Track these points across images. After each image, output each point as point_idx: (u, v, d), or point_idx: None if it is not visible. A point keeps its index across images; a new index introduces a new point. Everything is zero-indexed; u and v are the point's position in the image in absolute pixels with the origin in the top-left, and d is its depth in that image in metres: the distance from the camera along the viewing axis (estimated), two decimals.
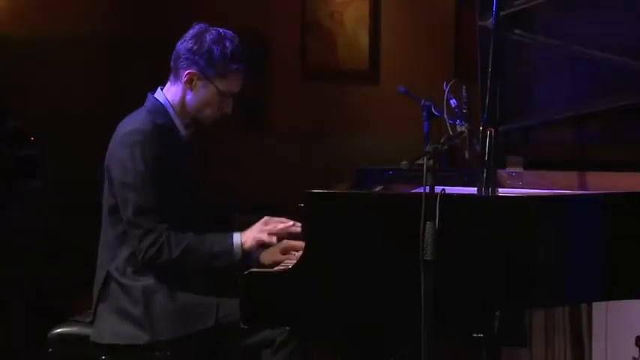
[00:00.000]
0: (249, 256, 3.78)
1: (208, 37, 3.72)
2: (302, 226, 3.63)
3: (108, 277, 3.73)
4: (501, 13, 3.77)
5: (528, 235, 3.25)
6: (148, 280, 3.68)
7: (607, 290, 3.42)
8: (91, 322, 3.76)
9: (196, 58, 3.71)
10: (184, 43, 3.75)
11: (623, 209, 3.41)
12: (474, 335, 3.21)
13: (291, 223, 3.70)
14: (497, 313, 3.22)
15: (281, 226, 3.70)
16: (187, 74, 3.73)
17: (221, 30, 3.76)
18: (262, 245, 3.71)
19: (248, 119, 6.49)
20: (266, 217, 3.74)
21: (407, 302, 3.15)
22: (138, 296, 3.67)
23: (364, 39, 6.47)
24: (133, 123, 3.73)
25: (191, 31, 3.77)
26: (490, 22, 3.75)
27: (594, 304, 4.44)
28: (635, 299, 3.53)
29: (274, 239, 3.68)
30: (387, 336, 3.38)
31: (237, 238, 3.66)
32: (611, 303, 4.37)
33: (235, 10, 6.46)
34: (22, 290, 5.50)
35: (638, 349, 4.36)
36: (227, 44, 3.72)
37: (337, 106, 6.57)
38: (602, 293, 3.46)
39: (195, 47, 3.71)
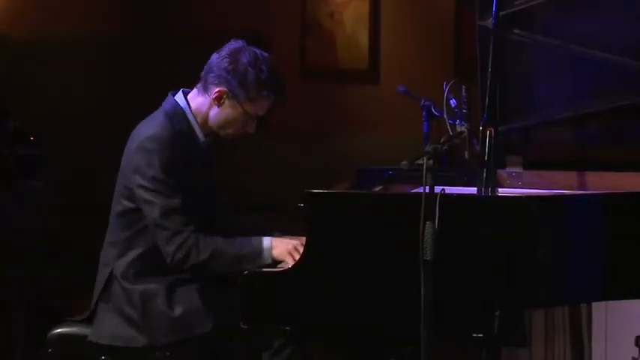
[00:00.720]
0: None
1: (244, 58, 3.66)
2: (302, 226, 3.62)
3: (111, 277, 3.72)
4: (501, 13, 3.78)
5: (528, 235, 3.26)
6: (147, 285, 3.66)
7: (607, 290, 3.42)
8: (88, 320, 3.76)
9: (229, 78, 3.65)
10: (219, 60, 3.69)
11: (623, 209, 3.41)
12: (474, 335, 3.22)
13: None
14: (497, 313, 3.22)
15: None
16: (217, 92, 3.68)
17: (258, 51, 3.71)
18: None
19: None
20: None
21: (407, 302, 3.15)
22: (136, 300, 3.66)
23: (364, 39, 6.47)
24: (152, 128, 3.69)
25: (227, 47, 3.71)
26: (490, 22, 3.75)
27: (594, 304, 4.44)
28: (635, 299, 3.54)
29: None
30: (387, 336, 3.38)
31: (267, 241, 3.60)
32: (611, 303, 4.37)
33: (235, 10, 6.45)
34: (22, 290, 5.50)
35: (637, 349, 4.36)
36: (263, 68, 3.67)
37: (337, 105, 6.57)
38: (602, 293, 3.47)
39: (230, 67, 3.66)
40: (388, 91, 6.06)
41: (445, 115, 3.65)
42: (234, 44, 3.72)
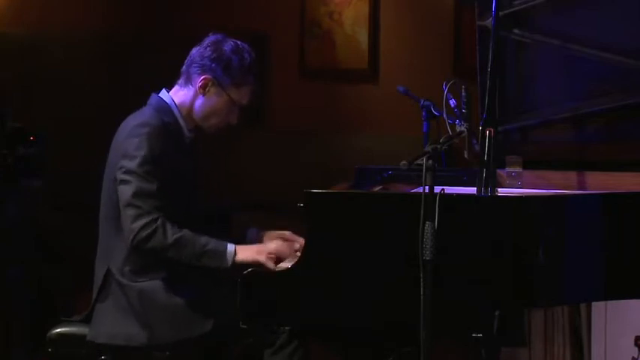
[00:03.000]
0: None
1: (227, 47, 3.76)
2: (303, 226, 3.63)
3: (107, 276, 3.74)
4: (501, 13, 3.78)
5: (528, 235, 3.26)
6: (146, 282, 3.68)
7: (607, 290, 3.42)
8: (86, 320, 3.77)
9: (214, 65, 3.74)
10: (201, 50, 3.78)
11: (623, 209, 3.41)
12: (474, 335, 3.22)
13: (296, 244, 3.71)
14: (497, 312, 3.23)
15: (281, 249, 3.69)
16: (203, 79, 3.75)
17: (238, 42, 3.81)
18: (257, 264, 3.63)
19: (247, 118, 6.47)
20: (270, 234, 3.77)
21: (406, 302, 3.15)
22: (135, 298, 3.67)
23: (363, 38, 6.47)
24: (141, 117, 3.75)
25: (208, 39, 3.80)
26: (490, 22, 3.75)
27: (594, 304, 4.44)
28: (635, 299, 3.54)
29: (271, 264, 3.61)
30: (387, 335, 3.39)
31: (231, 247, 3.64)
32: (611, 303, 4.37)
33: (235, 10, 6.46)
34: (22, 290, 5.50)
35: (637, 349, 4.36)
36: (245, 56, 3.77)
37: (336, 105, 6.57)
38: (602, 293, 3.47)
39: (214, 55, 3.75)
40: (387, 90, 6.05)
41: (445, 115, 3.65)
42: (213, 37, 3.81)
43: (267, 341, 3.64)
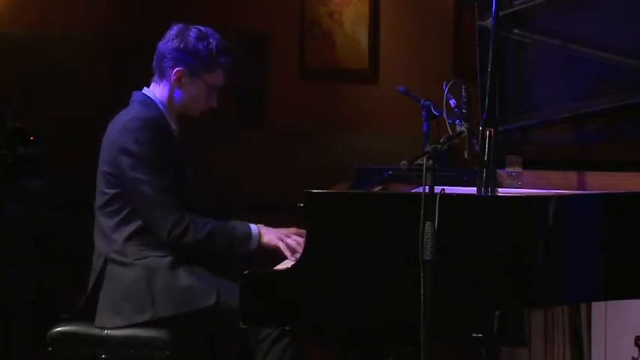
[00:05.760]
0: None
1: (192, 36, 3.82)
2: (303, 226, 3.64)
3: (105, 263, 3.77)
4: (501, 13, 3.78)
5: (528, 235, 3.26)
6: (150, 258, 3.73)
7: (607, 290, 3.42)
8: (85, 315, 3.80)
9: (183, 56, 3.81)
10: (168, 43, 3.84)
11: (623, 209, 3.41)
12: (474, 335, 3.22)
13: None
14: (497, 312, 3.22)
15: (296, 244, 3.77)
16: (176, 72, 3.82)
17: (201, 27, 3.87)
18: (275, 249, 3.78)
19: (247, 118, 6.48)
20: (293, 229, 3.82)
21: (406, 302, 3.15)
22: (140, 273, 3.72)
23: (363, 38, 6.46)
24: (131, 113, 3.81)
25: (172, 32, 3.87)
26: (490, 22, 3.75)
27: (594, 304, 4.44)
28: (635, 299, 3.53)
29: (288, 253, 3.76)
30: (387, 335, 3.39)
31: (255, 228, 3.78)
32: (611, 303, 4.37)
33: (235, 10, 6.46)
34: (22, 290, 5.50)
35: (637, 349, 4.36)
36: (211, 40, 3.83)
37: (336, 105, 6.57)
38: (602, 293, 3.47)
39: (181, 46, 3.81)
40: (387, 90, 6.05)
41: (445, 115, 3.65)
42: (176, 28, 3.88)
43: (261, 337, 3.68)
